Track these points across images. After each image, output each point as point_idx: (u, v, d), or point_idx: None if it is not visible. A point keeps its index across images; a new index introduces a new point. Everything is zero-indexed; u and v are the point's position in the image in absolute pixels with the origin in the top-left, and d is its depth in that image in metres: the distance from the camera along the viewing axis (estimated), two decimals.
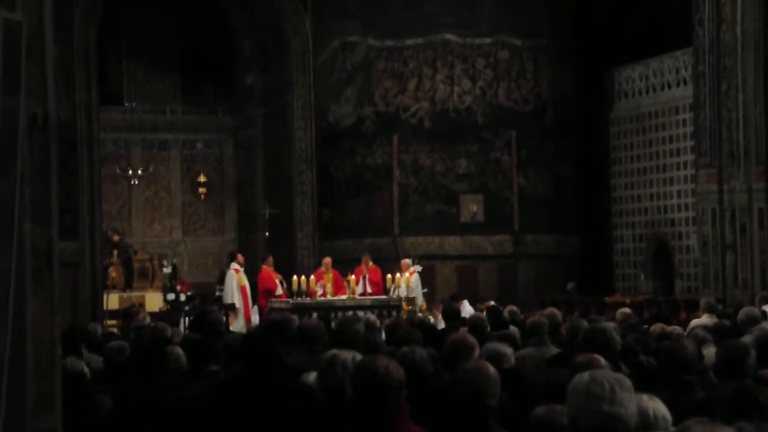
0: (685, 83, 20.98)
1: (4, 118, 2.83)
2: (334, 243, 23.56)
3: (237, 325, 19.71)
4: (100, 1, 22.84)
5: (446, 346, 6.61)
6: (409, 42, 22.70)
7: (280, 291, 20.07)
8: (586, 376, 3.70)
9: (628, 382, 3.71)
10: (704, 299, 13.58)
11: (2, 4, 2.90)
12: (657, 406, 4.34)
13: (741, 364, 6.21)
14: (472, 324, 9.56)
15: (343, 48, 23.46)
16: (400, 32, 22.69)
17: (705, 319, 11.58)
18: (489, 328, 9.64)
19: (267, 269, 20.65)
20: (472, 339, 6.61)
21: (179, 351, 6.74)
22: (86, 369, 7.01)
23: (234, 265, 20.92)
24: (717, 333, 8.84)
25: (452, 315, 11.50)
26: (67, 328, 9.56)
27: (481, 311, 18.95)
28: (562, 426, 4.55)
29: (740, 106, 18.53)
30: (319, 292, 19.35)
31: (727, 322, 10.37)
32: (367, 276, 20.38)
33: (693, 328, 10.67)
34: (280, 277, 20.29)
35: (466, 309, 18.18)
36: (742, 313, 10.62)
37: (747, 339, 7.65)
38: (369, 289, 20.22)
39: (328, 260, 20.46)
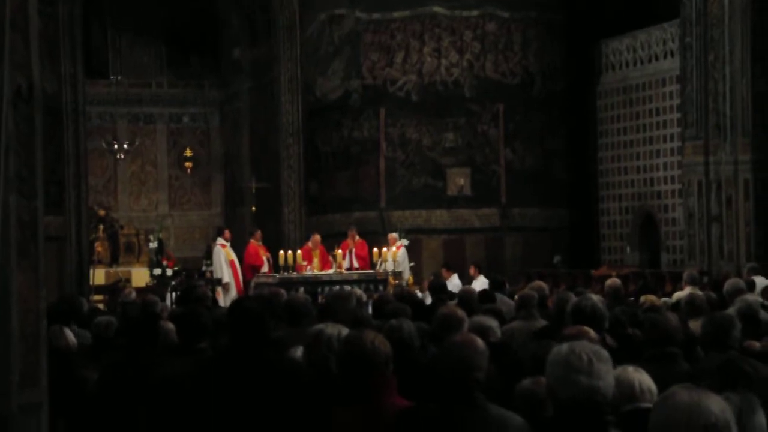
0: (672, 55, 20.97)
1: None
2: (321, 217, 23.55)
3: (228, 300, 19.70)
4: None
5: (435, 320, 6.61)
6: (396, 15, 22.61)
7: (266, 268, 20.03)
8: (564, 348, 3.74)
9: (605, 353, 3.74)
10: (687, 272, 13.64)
11: None
12: (642, 378, 4.36)
13: (726, 336, 6.24)
14: (462, 297, 9.57)
15: (330, 21, 23.36)
16: (388, 5, 22.60)
17: (688, 291, 11.62)
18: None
19: (255, 244, 20.60)
20: (461, 312, 6.61)
21: (170, 326, 6.73)
22: (74, 342, 6.99)
23: (220, 240, 20.86)
24: (699, 306, 8.85)
25: (439, 289, 11.53)
26: (55, 300, 9.54)
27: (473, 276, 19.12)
28: (546, 398, 4.57)
29: (727, 77, 18.54)
30: (308, 272, 19.30)
31: (713, 294, 10.41)
32: (354, 250, 20.35)
33: (676, 301, 10.73)
34: (268, 254, 20.22)
35: (454, 282, 18.22)
36: (728, 284, 10.67)
37: (731, 311, 7.68)
38: (356, 264, 20.21)
39: (317, 237, 20.36)
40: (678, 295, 11.92)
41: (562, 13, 22.94)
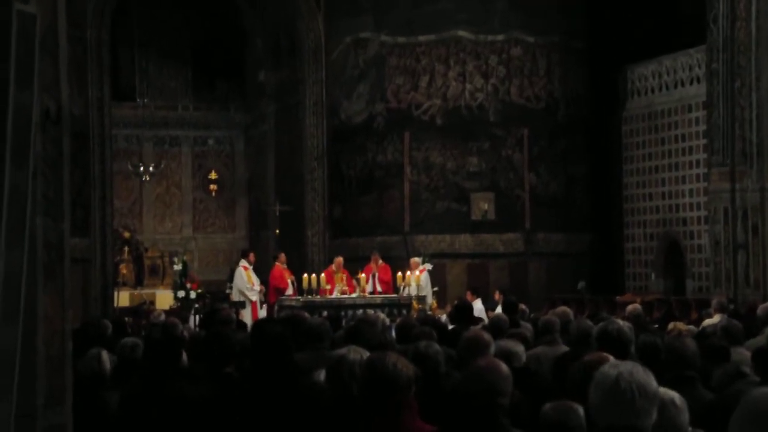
0: (698, 81, 20.89)
1: (17, 111, 2.82)
2: (345, 241, 23.54)
3: (246, 322, 19.72)
4: None
5: (461, 343, 6.57)
6: (421, 38, 22.66)
7: (290, 291, 20.06)
8: (612, 373, 3.61)
9: (652, 386, 3.63)
10: (716, 299, 13.55)
11: None
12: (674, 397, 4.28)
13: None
14: (493, 322, 9.46)
15: (356, 44, 23.44)
16: (413, 29, 22.65)
17: (716, 319, 11.54)
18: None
19: (280, 267, 20.64)
20: (487, 336, 6.56)
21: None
22: (107, 366, 6.98)
23: (243, 263, 20.90)
24: (728, 333, 8.79)
25: (464, 310, 11.11)
26: (80, 325, 9.56)
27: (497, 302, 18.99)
28: (571, 423, 4.53)
29: (753, 104, 18.43)
30: (333, 296, 19.29)
31: (737, 322, 10.33)
32: (377, 274, 20.34)
33: (704, 328, 10.65)
34: (292, 277, 20.25)
35: (478, 307, 18.14)
36: (761, 309, 10.58)
37: (761, 338, 7.63)
38: (379, 288, 20.19)
39: (339, 260, 20.38)
40: (707, 322, 11.83)
41: (587, 38, 22.93)
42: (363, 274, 19.67)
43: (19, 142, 2.83)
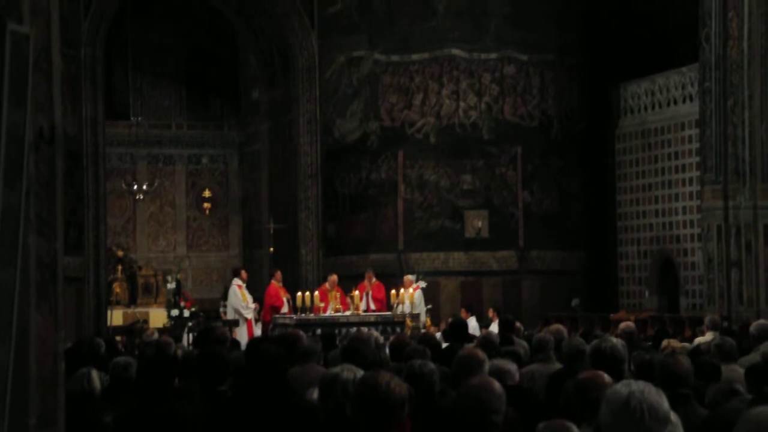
0: (691, 99, 20.96)
1: (10, 131, 2.82)
2: (339, 258, 23.54)
3: (240, 340, 19.69)
4: (108, 15, 22.90)
5: (455, 362, 6.56)
6: (415, 57, 22.72)
7: (285, 308, 20.03)
8: (624, 393, 3.56)
9: (663, 407, 3.58)
10: (709, 317, 13.55)
11: (10, 17, 2.89)
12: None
13: None
14: (484, 340, 9.46)
15: (349, 63, 23.48)
16: (406, 47, 22.71)
17: (710, 337, 11.54)
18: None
19: (275, 285, 20.62)
20: (481, 354, 6.55)
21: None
22: (98, 386, 6.95)
23: (236, 281, 20.88)
24: (721, 351, 8.80)
25: (459, 327, 11.05)
26: (73, 344, 9.52)
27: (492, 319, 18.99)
28: None
29: (746, 122, 18.48)
30: (330, 312, 19.27)
31: (731, 339, 10.33)
32: (370, 293, 20.30)
33: (697, 345, 10.64)
34: (288, 295, 20.22)
35: (472, 325, 18.14)
36: (754, 327, 10.57)
37: (756, 355, 7.63)
38: (372, 306, 20.16)
39: (334, 278, 20.33)
40: (699, 340, 11.83)
41: (580, 56, 23.00)
42: (357, 292, 19.64)
43: (13, 161, 2.83)
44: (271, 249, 24.54)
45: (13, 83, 2.85)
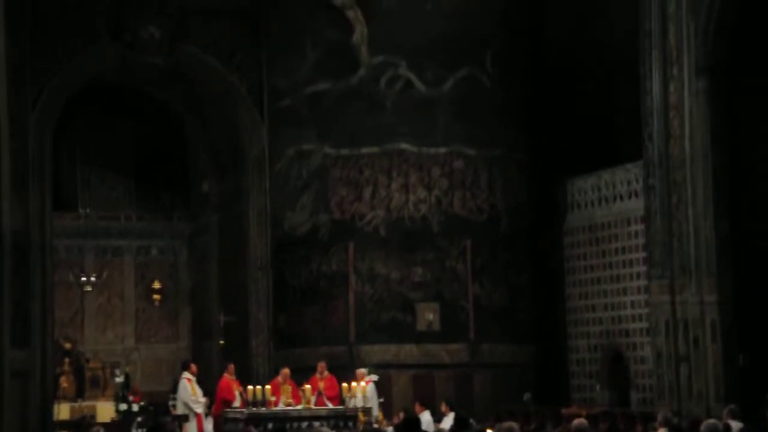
0: (636, 195, 21.30)
1: None
2: (290, 351, 23.42)
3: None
4: (56, 108, 22.91)
5: None
6: (364, 150, 22.89)
7: (237, 402, 19.88)
8: None
9: None
10: (661, 413, 13.65)
11: None
12: None
13: None
14: None
15: (299, 156, 23.58)
16: (356, 141, 22.88)
17: None
18: None
19: (227, 378, 20.50)
20: None
21: None
22: None
23: (186, 374, 20.76)
24: None
25: (412, 424, 10.84)
26: None
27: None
28: None
29: (690, 219, 18.73)
30: (281, 406, 19.15)
31: None
32: (323, 392, 20.15)
33: None
34: (240, 389, 20.08)
35: (426, 419, 18.10)
36: (704, 426, 10.67)
37: None
38: (326, 402, 20.03)
39: (286, 371, 20.21)
40: None
41: (527, 151, 23.35)
42: (309, 386, 19.53)
43: None
44: (222, 341, 24.38)
45: None
